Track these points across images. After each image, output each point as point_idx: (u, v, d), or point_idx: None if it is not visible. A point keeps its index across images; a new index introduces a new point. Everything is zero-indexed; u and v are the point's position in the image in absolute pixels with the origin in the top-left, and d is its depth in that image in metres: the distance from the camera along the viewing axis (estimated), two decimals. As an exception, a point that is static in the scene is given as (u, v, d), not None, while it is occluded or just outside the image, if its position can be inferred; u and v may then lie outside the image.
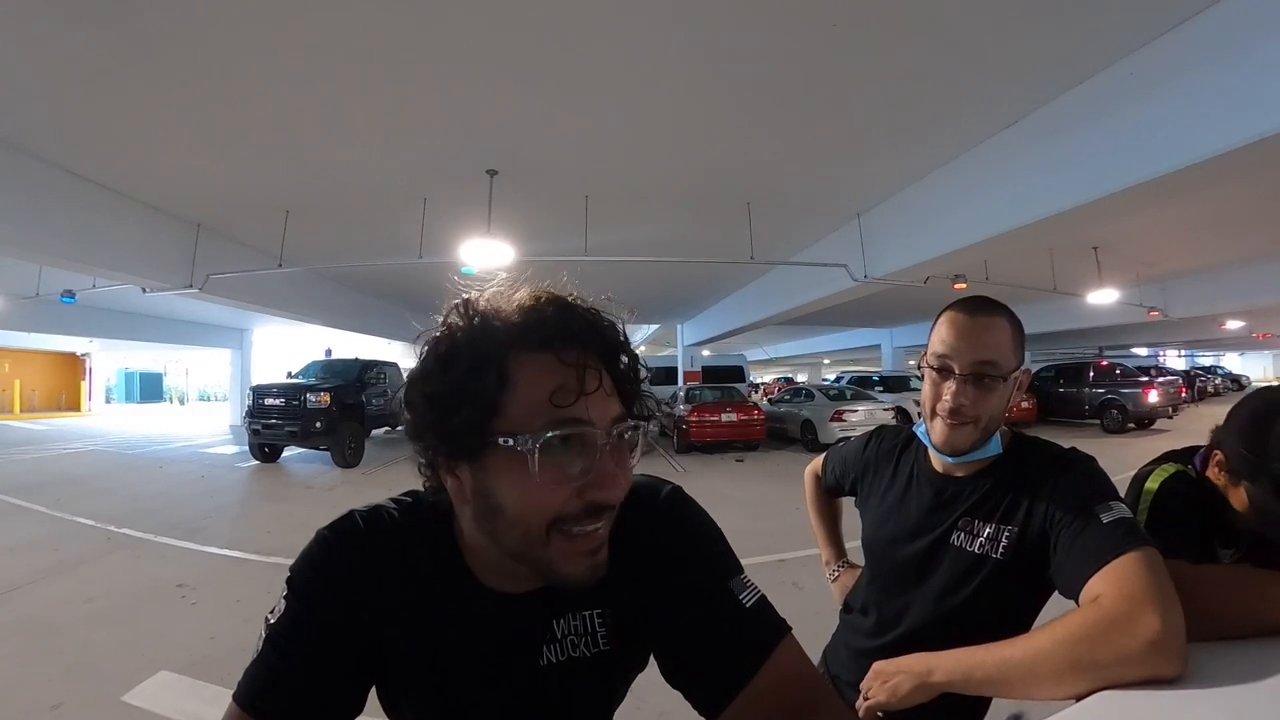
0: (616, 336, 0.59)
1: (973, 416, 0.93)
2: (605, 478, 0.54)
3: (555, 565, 0.56)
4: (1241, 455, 0.90)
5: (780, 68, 3.43)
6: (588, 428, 0.53)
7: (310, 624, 0.59)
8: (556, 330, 0.54)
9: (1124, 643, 0.63)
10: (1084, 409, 13.19)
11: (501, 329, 0.55)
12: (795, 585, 3.48)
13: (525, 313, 0.55)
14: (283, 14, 2.89)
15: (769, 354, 29.00)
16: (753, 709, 0.58)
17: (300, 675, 0.57)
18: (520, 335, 0.54)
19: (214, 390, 32.77)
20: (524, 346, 0.54)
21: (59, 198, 4.83)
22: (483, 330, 0.55)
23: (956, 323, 0.95)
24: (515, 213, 5.59)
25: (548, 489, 0.53)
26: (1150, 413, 12.20)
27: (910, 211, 5.61)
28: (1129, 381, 12.74)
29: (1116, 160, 3.43)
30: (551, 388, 0.52)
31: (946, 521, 0.99)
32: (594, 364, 0.54)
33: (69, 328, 13.73)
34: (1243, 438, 0.91)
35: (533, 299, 0.57)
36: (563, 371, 0.53)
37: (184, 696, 2.51)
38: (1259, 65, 2.68)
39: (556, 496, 0.53)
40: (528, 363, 0.53)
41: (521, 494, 0.53)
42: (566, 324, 0.55)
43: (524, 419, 0.52)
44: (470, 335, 0.55)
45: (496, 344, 0.54)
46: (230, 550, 4.68)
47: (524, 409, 0.53)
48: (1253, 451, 0.88)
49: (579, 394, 0.52)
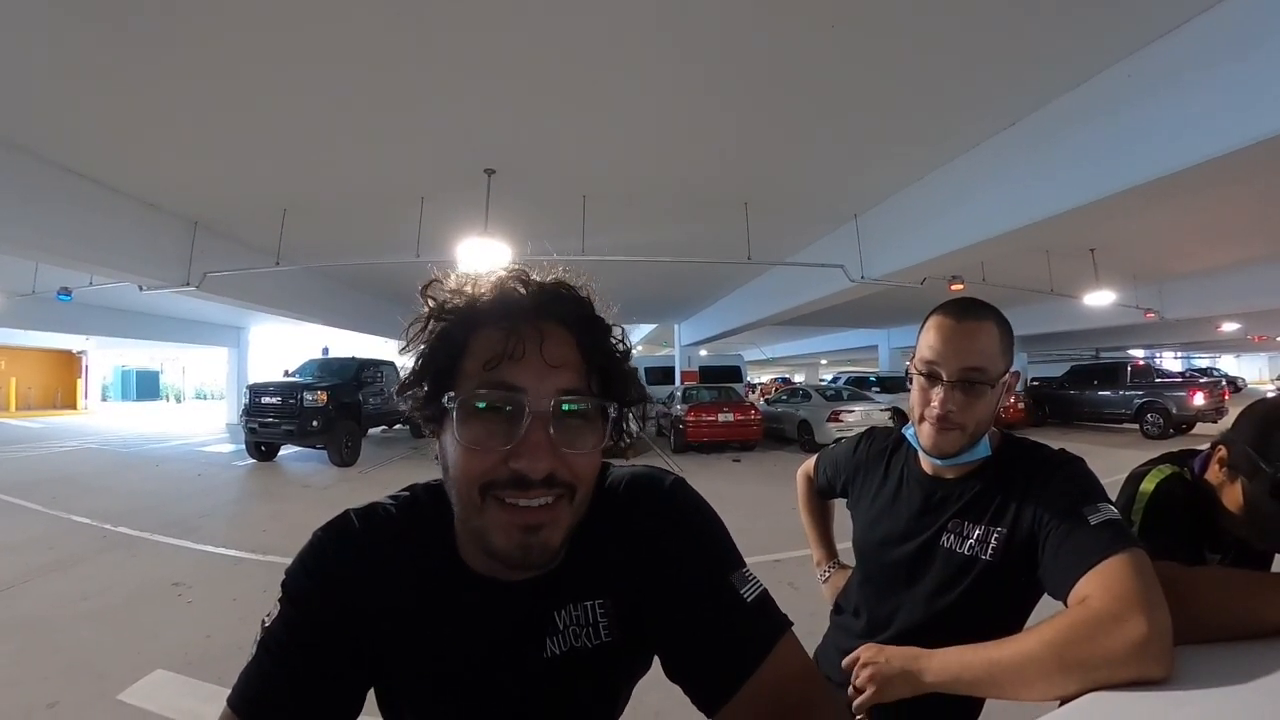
0: (579, 310, 0.59)
1: (960, 422, 0.93)
2: (527, 446, 0.53)
3: (487, 534, 0.56)
4: (1245, 452, 0.92)
5: (779, 69, 3.43)
6: (514, 393, 0.54)
7: (303, 627, 0.59)
8: (503, 301, 0.57)
9: (1111, 644, 0.64)
10: (1121, 413, 12.30)
11: (466, 304, 0.58)
12: (791, 585, 3.49)
13: (490, 289, 0.58)
14: (283, 15, 2.89)
15: (766, 354, 28.99)
16: (753, 704, 0.57)
17: (294, 679, 0.57)
18: (481, 309, 0.57)
19: (211, 388, 32.67)
20: (484, 320, 0.57)
21: (56, 195, 4.82)
22: (454, 300, 0.59)
23: (943, 328, 0.95)
24: (513, 212, 5.58)
25: (471, 451, 0.54)
26: (1195, 416, 11.12)
27: (907, 213, 5.62)
28: (1170, 383, 11.91)
29: (1114, 163, 3.44)
30: (488, 354, 0.55)
31: (936, 523, 0.99)
32: (534, 333, 0.55)
33: (65, 325, 13.67)
34: (1249, 436, 0.92)
35: (499, 277, 0.59)
36: (500, 338, 0.55)
37: (180, 695, 2.50)
38: (1256, 69, 2.69)
39: (482, 460, 0.54)
40: (481, 334, 0.57)
41: (455, 454, 0.56)
42: (511, 293, 0.57)
43: (463, 384, 0.56)
44: (443, 304, 0.59)
45: (462, 318, 0.58)
46: (226, 549, 4.67)
47: (466, 375, 0.56)
48: (1256, 449, 0.90)
49: (504, 358, 0.54)
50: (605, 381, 0.59)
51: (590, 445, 0.57)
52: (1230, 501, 0.95)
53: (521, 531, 0.55)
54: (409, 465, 9.46)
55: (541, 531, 0.55)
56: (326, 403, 8.93)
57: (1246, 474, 0.91)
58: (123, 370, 30.91)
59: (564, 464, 0.55)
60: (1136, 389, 12.22)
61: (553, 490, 0.55)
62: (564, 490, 0.56)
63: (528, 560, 0.56)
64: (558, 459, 0.55)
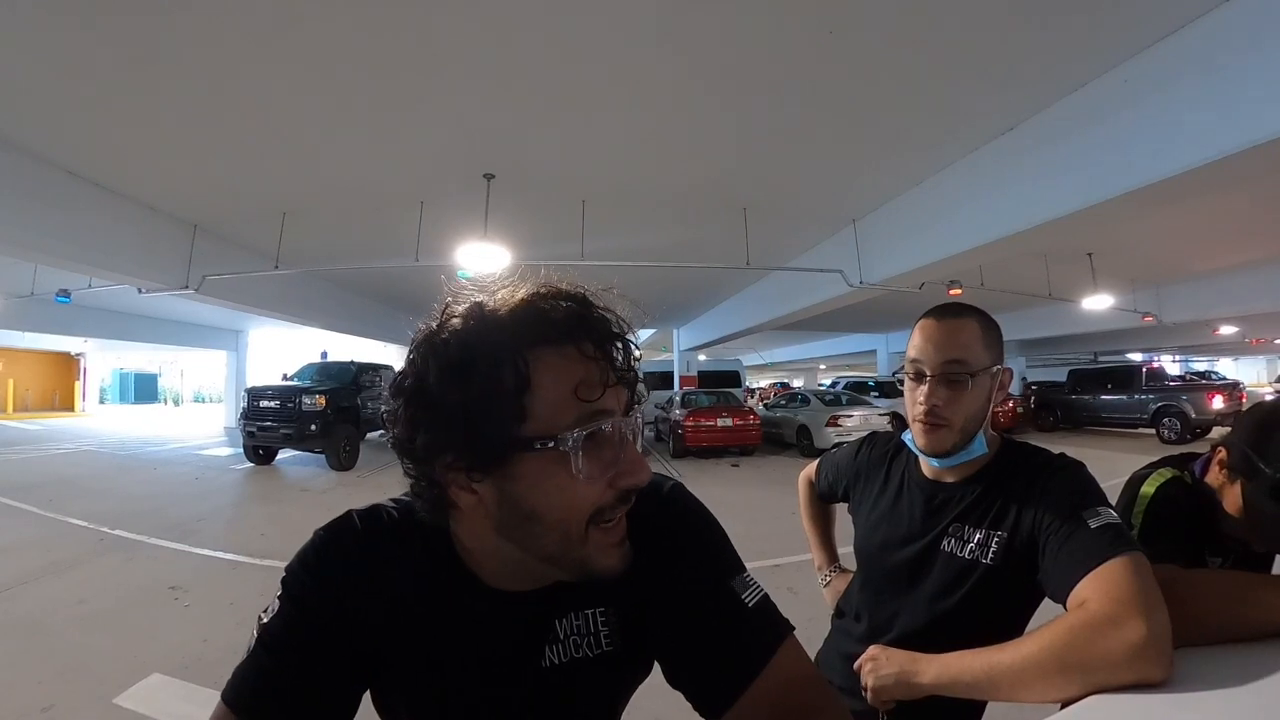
0: (625, 332, 0.59)
1: (947, 417, 0.94)
2: (634, 463, 0.55)
3: (591, 560, 0.56)
4: (1244, 454, 0.92)
5: (777, 74, 3.45)
6: (616, 418, 0.54)
7: (302, 624, 0.58)
8: (574, 322, 0.53)
9: (1110, 647, 0.64)
10: (1136, 417, 11.94)
11: (513, 326, 0.52)
12: (790, 590, 3.48)
13: (537, 308, 0.54)
14: (283, 17, 2.89)
15: (765, 359, 29.01)
16: (755, 710, 0.57)
17: (290, 676, 0.56)
18: (536, 331, 0.52)
19: (209, 392, 32.63)
20: (542, 342, 0.52)
21: (55, 197, 4.81)
22: (495, 330, 0.52)
23: (926, 329, 0.98)
24: (512, 217, 5.59)
25: (588, 485, 0.53)
26: (1214, 420, 10.82)
27: (906, 218, 5.64)
28: (1187, 386, 11.60)
29: (1111, 167, 3.45)
30: (575, 382, 0.52)
31: (937, 527, 0.99)
32: (607, 354, 0.55)
33: (64, 327, 13.66)
34: (1248, 438, 0.93)
35: (541, 293, 0.55)
36: (584, 364, 0.52)
37: (176, 699, 2.49)
38: (1253, 72, 2.70)
39: (596, 491, 0.54)
40: (548, 359, 0.52)
41: (562, 495, 0.53)
42: (582, 316, 0.54)
43: (551, 418, 0.51)
44: (481, 336, 0.52)
45: (511, 343, 0.51)
46: (224, 552, 4.65)
47: (549, 408, 0.51)
48: (1256, 451, 0.91)
49: (604, 385, 0.53)
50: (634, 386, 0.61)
51: None
52: (1230, 504, 0.95)
53: (618, 546, 0.57)
54: (407, 469, 9.42)
55: (625, 539, 0.58)
56: (325, 406, 8.93)
57: (1246, 476, 0.92)
58: (121, 373, 30.83)
59: None
60: (1152, 392, 11.91)
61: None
62: None
63: (624, 566, 0.58)
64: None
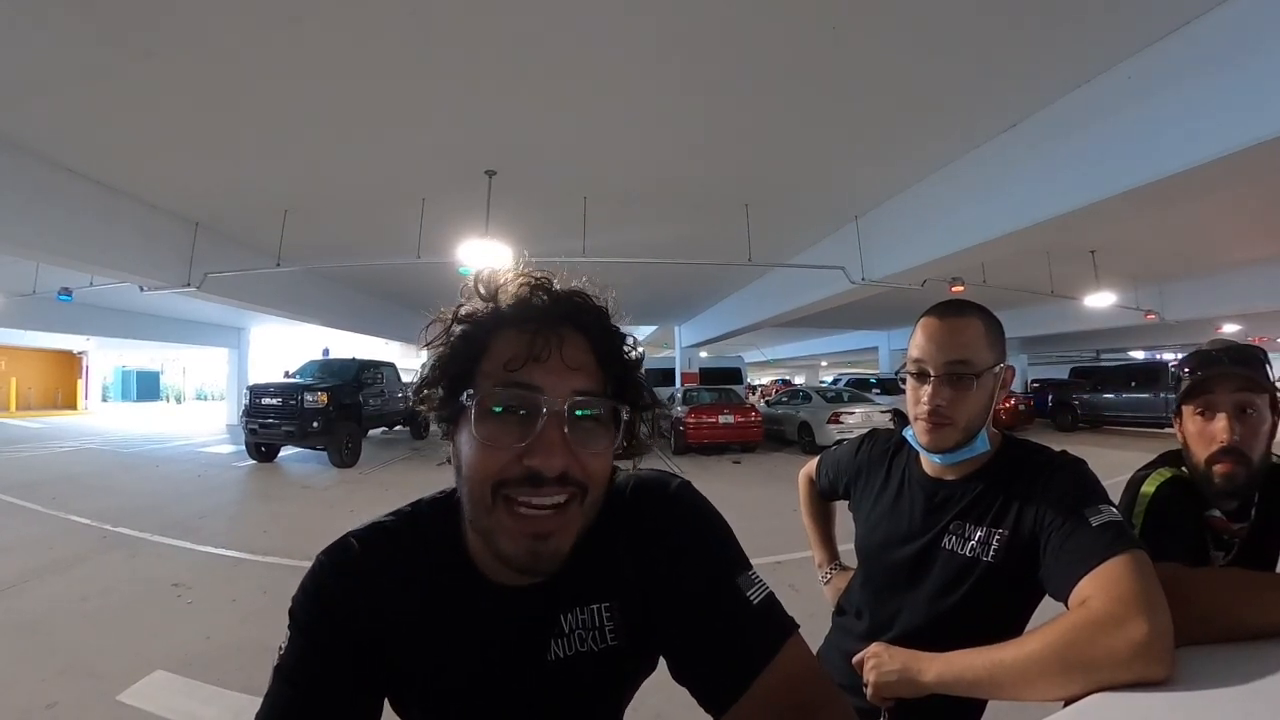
0: (597, 318, 0.61)
1: (951, 416, 0.94)
2: (542, 443, 0.55)
3: (495, 538, 0.57)
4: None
5: (780, 71, 3.44)
6: (533, 393, 0.55)
7: (311, 654, 0.61)
8: (525, 305, 0.59)
9: (1112, 645, 0.64)
10: (1161, 416, 11.56)
11: (491, 308, 0.60)
12: (792, 587, 3.48)
13: (512, 294, 0.60)
14: (283, 15, 2.89)
15: (766, 356, 28.99)
16: (759, 707, 0.57)
17: (309, 704, 0.59)
18: (505, 313, 0.59)
19: (211, 389, 32.68)
20: (506, 323, 0.59)
21: (56, 195, 4.82)
22: (477, 310, 0.61)
23: (929, 327, 0.97)
24: (514, 213, 5.59)
25: (487, 448, 0.56)
26: None
27: (908, 214, 5.63)
28: None
29: (1115, 164, 3.44)
30: (509, 355, 0.56)
31: (938, 525, 0.99)
32: (555, 337, 0.57)
33: (66, 325, 13.70)
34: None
35: (520, 282, 0.61)
36: (523, 341, 0.57)
37: (179, 696, 2.50)
38: (1258, 69, 2.69)
39: (497, 457, 0.55)
40: (502, 336, 0.58)
41: (470, 452, 0.57)
42: (531, 299, 0.59)
43: (482, 383, 0.57)
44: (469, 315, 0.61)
45: (484, 321, 0.60)
46: (226, 550, 4.66)
47: (485, 375, 0.58)
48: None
49: (526, 359, 0.56)
50: (619, 387, 0.61)
51: (602, 446, 0.59)
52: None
53: (530, 539, 0.56)
54: (409, 466, 9.46)
55: (551, 539, 0.56)
56: (327, 404, 8.94)
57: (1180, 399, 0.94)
58: (123, 370, 30.88)
59: (577, 463, 0.56)
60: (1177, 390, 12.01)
61: (566, 489, 0.56)
62: (576, 490, 0.57)
63: (536, 566, 0.57)
64: (571, 457, 0.56)
